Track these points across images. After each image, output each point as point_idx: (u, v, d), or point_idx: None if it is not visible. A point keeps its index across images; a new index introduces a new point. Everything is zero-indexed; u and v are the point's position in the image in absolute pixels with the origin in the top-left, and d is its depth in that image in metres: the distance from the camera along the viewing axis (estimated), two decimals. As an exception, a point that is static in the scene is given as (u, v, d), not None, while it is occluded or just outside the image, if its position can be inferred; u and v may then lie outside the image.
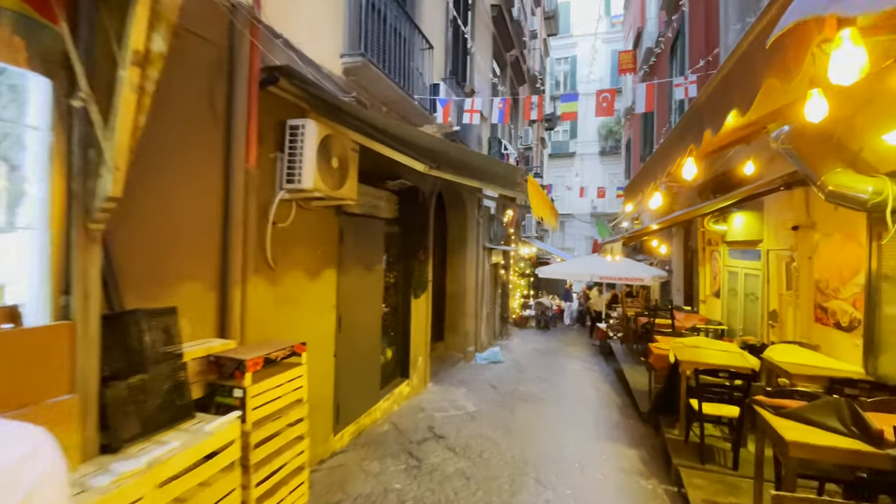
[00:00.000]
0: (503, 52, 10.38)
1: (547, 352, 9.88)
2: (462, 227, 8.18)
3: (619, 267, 10.06)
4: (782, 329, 4.88)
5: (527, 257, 15.49)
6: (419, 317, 5.75)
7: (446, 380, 6.64)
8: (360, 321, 4.31)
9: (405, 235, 5.45)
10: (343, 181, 3.22)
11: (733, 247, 6.31)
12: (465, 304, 8.21)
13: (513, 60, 11.34)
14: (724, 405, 3.45)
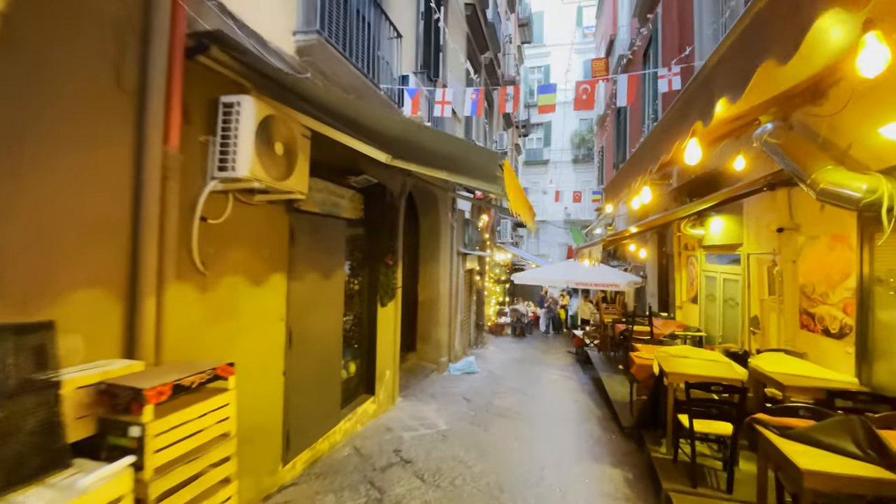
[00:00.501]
0: (478, 54, 10.15)
1: (523, 360, 9.56)
2: (435, 231, 7.79)
3: (595, 273, 9.89)
4: (765, 336, 4.71)
5: (502, 263, 15.24)
6: (387, 327, 5.29)
7: (417, 394, 6.18)
8: (316, 334, 3.82)
9: (371, 238, 5.01)
10: (290, 171, 2.77)
11: (711, 251, 6.17)
12: (438, 312, 7.80)
13: (487, 63, 11.13)
14: (717, 422, 3.16)
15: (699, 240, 6.46)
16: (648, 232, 9.30)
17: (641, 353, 4.77)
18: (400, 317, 5.70)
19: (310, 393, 3.76)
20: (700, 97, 2.49)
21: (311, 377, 3.77)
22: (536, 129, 27.77)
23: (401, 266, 5.70)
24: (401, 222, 5.60)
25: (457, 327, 8.71)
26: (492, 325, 13.35)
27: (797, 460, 2.01)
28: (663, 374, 3.70)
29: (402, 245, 5.84)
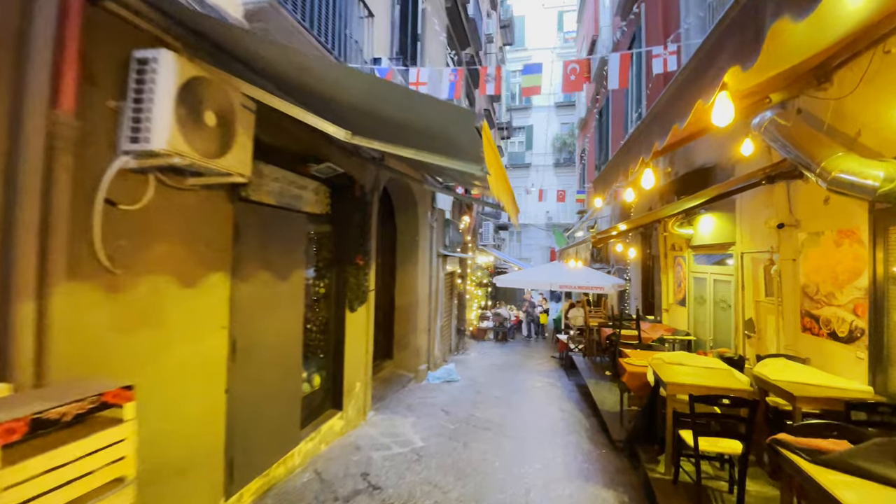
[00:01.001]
0: (458, 49, 9.80)
1: (506, 367, 9.18)
2: (413, 231, 7.35)
3: (579, 275, 9.61)
4: (761, 340, 4.43)
5: (484, 266, 14.88)
6: (357, 334, 4.81)
7: (392, 406, 5.70)
8: (269, 344, 3.31)
9: (339, 236, 4.53)
10: (226, 148, 2.29)
11: (700, 251, 5.92)
12: (417, 317, 7.34)
13: (468, 60, 10.80)
14: (723, 439, 2.81)
15: (687, 240, 6.21)
16: (632, 233, 9.10)
17: (632, 359, 4.42)
18: (373, 323, 5.22)
19: (261, 412, 3.25)
20: (706, 69, 2.16)
21: (264, 394, 3.26)
22: (518, 133, 27.80)
23: (374, 267, 5.23)
24: (374, 219, 5.14)
25: (436, 333, 8.26)
26: (474, 329, 12.95)
27: (840, 495, 1.64)
28: (660, 383, 3.34)
29: (376, 245, 5.38)
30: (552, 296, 23.29)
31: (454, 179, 4.77)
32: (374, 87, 2.19)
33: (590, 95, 16.70)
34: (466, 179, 4.46)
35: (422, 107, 2.13)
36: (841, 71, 3.27)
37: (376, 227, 5.38)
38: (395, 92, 2.16)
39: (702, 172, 5.63)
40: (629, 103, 10.09)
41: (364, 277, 4.67)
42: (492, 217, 14.97)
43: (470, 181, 4.43)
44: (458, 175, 4.46)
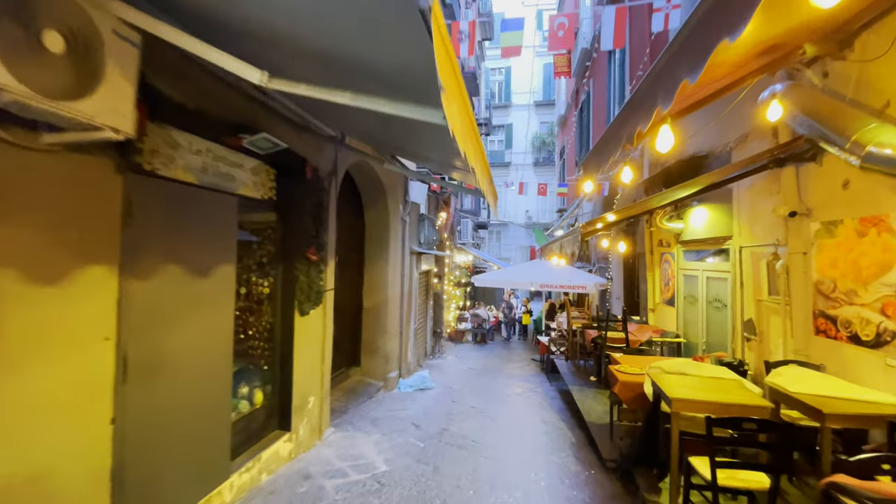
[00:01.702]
0: (434, 33, 9.23)
1: (484, 371, 8.63)
2: (383, 226, 6.71)
3: (560, 274, 9.16)
4: (763, 343, 4.01)
5: (463, 265, 14.34)
6: (310, 341, 4.15)
7: (355, 421, 5.05)
8: (182, 358, 2.63)
9: (287, 226, 3.86)
10: (86, 87, 1.62)
11: (692, 247, 5.51)
12: (387, 319, 6.70)
13: (445, 46, 10.24)
14: (745, 471, 2.31)
15: (677, 235, 5.80)
16: (617, 228, 8.72)
17: (624, 366, 3.92)
18: (331, 327, 4.56)
19: (172, 444, 2.56)
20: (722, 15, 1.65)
21: (175, 421, 2.58)
22: (498, 132, 27.55)
23: (333, 264, 4.58)
24: (332, 208, 4.49)
25: (409, 336, 7.64)
26: (451, 331, 12.38)
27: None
28: (662, 397, 2.83)
29: (337, 238, 4.73)
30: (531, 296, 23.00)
31: (425, 158, 4.17)
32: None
33: (569, 91, 16.41)
34: (443, 158, 3.87)
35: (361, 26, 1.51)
36: (864, 34, 2.85)
37: (336, 219, 4.74)
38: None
39: (694, 161, 5.22)
40: (611, 97, 9.73)
41: (318, 275, 4.02)
42: (470, 214, 14.45)
43: (446, 161, 3.85)
44: (431, 151, 3.86)
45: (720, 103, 4.14)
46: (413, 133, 3.28)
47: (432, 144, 3.40)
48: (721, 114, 4.38)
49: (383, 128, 3.47)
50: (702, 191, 4.53)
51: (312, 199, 3.95)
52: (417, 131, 3.16)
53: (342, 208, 5.89)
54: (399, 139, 3.79)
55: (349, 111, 3.40)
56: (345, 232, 6.06)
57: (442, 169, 4.51)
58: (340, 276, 6.01)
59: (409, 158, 5.04)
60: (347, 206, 6.18)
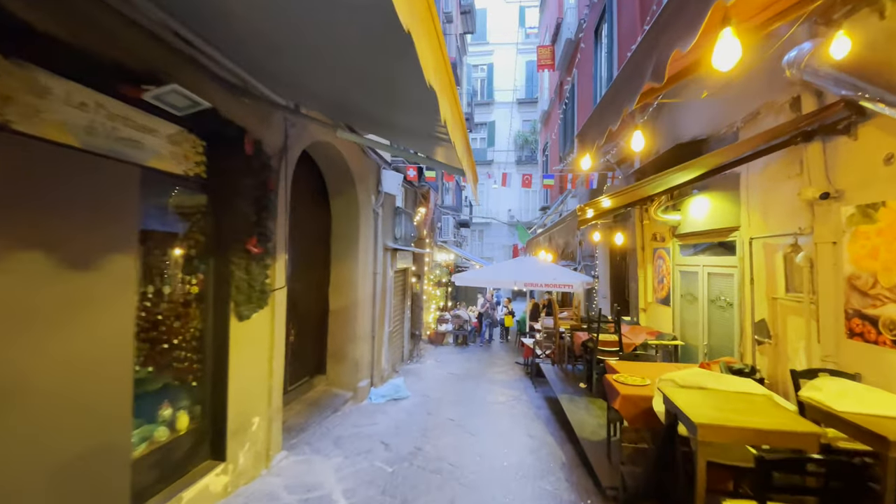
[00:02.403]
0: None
1: (466, 376, 8.02)
2: (352, 218, 6.02)
3: (545, 272, 8.65)
4: (779, 347, 3.52)
5: (444, 264, 13.73)
6: (254, 350, 3.46)
7: (315, 440, 4.37)
8: (44, 381, 1.92)
9: (221, 211, 3.16)
10: None
11: (691, 240, 5.02)
12: (357, 322, 6.01)
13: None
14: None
15: (673, 227, 5.32)
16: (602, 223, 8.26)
17: (623, 375, 3.37)
18: (283, 333, 3.88)
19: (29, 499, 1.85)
20: None
21: (33, 469, 1.87)
22: (480, 129, 27.19)
23: (285, 259, 3.90)
24: (283, 193, 3.81)
25: (383, 341, 6.97)
26: (431, 333, 11.74)
27: None
28: (681, 420, 2.27)
29: (292, 229, 4.07)
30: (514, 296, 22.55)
31: (403, 131, 3.51)
32: None
33: (553, 86, 16.01)
34: (421, 124, 3.22)
35: None
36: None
37: (293, 207, 4.07)
38: None
39: (692, 146, 4.73)
40: (598, 87, 9.27)
41: (261, 272, 3.33)
42: (452, 210, 13.86)
43: (424, 131, 3.20)
44: (406, 116, 3.21)
45: (723, 78, 3.64)
46: (386, 95, 2.65)
47: (408, 106, 2.77)
48: (718, 99, 3.88)
49: (348, 91, 2.82)
50: (705, 175, 4.02)
51: (254, 180, 3.26)
52: (390, 91, 2.53)
53: (301, 196, 5.19)
54: (368, 105, 3.12)
55: (304, 73, 2.75)
56: (306, 224, 5.37)
57: (420, 145, 3.88)
58: (303, 275, 5.32)
59: (382, 134, 4.38)
60: (308, 194, 5.49)
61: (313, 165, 5.50)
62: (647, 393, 3.04)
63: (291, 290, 5.10)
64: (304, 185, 5.29)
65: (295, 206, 5.02)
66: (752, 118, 3.75)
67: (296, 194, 5.03)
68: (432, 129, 2.85)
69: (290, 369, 5.19)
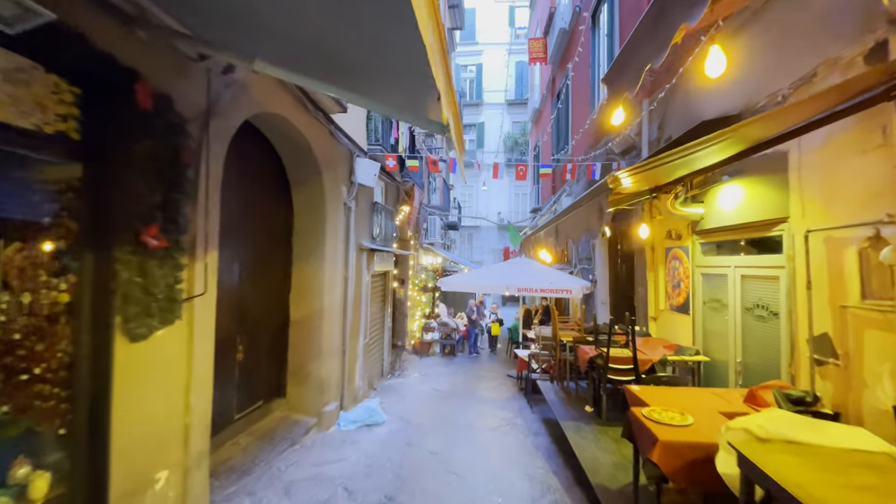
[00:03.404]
0: None
1: (452, 393, 7.14)
2: (318, 212, 5.13)
3: (541, 276, 7.85)
4: (850, 370, 2.73)
5: (430, 268, 12.86)
6: (160, 381, 2.54)
7: (261, 489, 3.44)
8: None
9: (104, 188, 2.25)
10: None
11: (717, 237, 4.26)
12: (323, 335, 5.10)
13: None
14: None
15: (693, 223, 4.56)
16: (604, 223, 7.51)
17: (656, 410, 2.55)
18: (210, 353, 2.96)
19: None
20: None
21: None
22: (469, 131, 26.68)
23: (214, 257, 3.00)
24: (210, 172, 2.91)
25: (357, 354, 6.06)
26: (416, 343, 10.83)
27: None
28: (780, 501, 1.44)
29: (222, 217, 3.17)
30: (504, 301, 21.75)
31: (384, 84, 2.58)
32: None
33: (545, 81, 15.35)
34: (404, 82, 2.33)
35: None
36: None
37: (233, 193, 3.18)
38: None
39: (720, 125, 3.97)
40: (596, 75, 8.57)
41: (168, 273, 2.42)
42: (439, 210, 13.02)
43: (409, 88, 2.31)
44: (387, 66, 2.34)
45: (760, 33, 2.89)
46: (360, 37, 1.80)
47: (387, 57, 1.93)
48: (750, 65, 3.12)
49: (307, 29, 1.95)
50: (741, 154, 3.23)
51: (156, 146, 2.37)
52: (365, 32, 1.68)
53: (254, 182, 4.29)
54: (340, 54, 2.25)
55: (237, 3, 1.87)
56: (260, 216, 4.47)
57: (402, 109, 3.01)
58: (257, 279, 4.41)
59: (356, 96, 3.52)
60: (264, 181, 4.59)
61: (267, 146, 4.61)
62: (695, 438, 2.22)
63: (240, 297, 4.19)
64: (256, 169, 4.40)
65: (245, 194, 4.12)
66: (808, 80, 2.99)
67: (245, 179, 4.14)
68: (425, 83, 2.01)
69: (238, 394, 4.27)
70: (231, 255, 4.03)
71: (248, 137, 4.19)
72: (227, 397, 4.09)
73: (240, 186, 4.04)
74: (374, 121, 6.32)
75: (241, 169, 4.06)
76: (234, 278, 4.12)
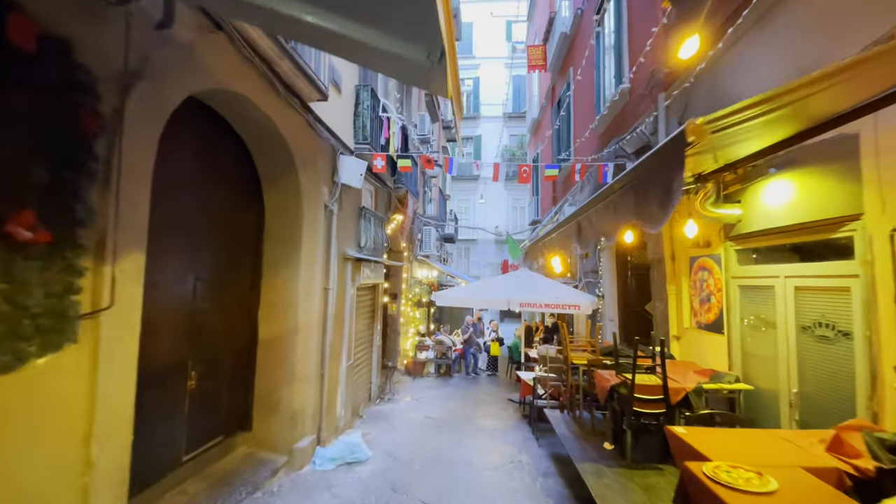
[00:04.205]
0: None
1: (447, 422, 6.37)
2: (293, 215, 4.48)
3: (545, 290, 7.19)
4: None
5: (425, 282, 12.17)
6: (33, 432, 1.84)
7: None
8: None
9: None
10: None
11: (759, 241, 3.63)
12: (296, 356, 4.39)
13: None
14: None
15: (725, 227, 3.94)
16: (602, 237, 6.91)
17: (720, 468, 1.86)
18: (129, 387, 2.26)
19: None
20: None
21: None
22: (466, 144, 26.43)
23: (140, 261, 2.33)
24: (133, 149, 2.25)
25: (339, 379, 5.33)
26: (409, 363, 10.07)
27: None
28: None
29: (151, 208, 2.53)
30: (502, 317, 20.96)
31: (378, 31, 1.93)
32: None
33: (544, 91, 14.98)
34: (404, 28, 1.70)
35: None
36: None
37: (181, 182, 2.54)
38: None
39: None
40: (601, 79, 8.07)
41: (56, 278, 1.75)
42: (434, 221, 12.41)
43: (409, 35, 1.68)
44: None
45: None
46: None
47: None
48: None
49: None
50: (799, 137, 2.62)
51: (43, 102, 1.72)
52: None
53: (211, 178, 3.65)
54: None
55: None
56: (221, 219, 3.81)
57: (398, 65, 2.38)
58: (216, 290, 3.73)
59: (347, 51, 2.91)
60: (226, 178, 3.95)
61: (237, 137, 3.99)
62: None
63: (194, 312, 3.50)
64: (218, 161, 3.76)
65: (203, 188, 3.47)
66: (888, 40, 2.41)
67: (204, 171, 3.50)
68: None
69: (188, 430, 3.54)
70: (182, 261, 3.36)
71: (208, 122, 3.57)
72: (172, 435, 3.36)
73: (196, 179, 3.40)
74: (361, 118, 5.74)
75: (198, 159, 3.43)
76: (185, 290, 3.43)
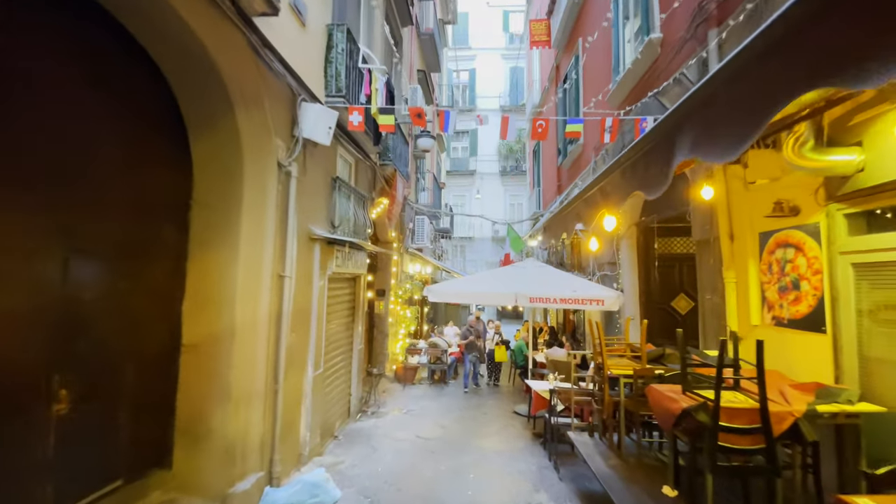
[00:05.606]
0: None
1: (441, 446, 5.15)
2: (230, 174, 3.28)
3: (558, 283, 6.06)
4: None
5: (418, 277, 10.99)
6: None
7: None
8: None
9: None
10: None
11: (892, 198, 2.50)
12: (233, 366, 3.19)
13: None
14: None
15: (828, 181, 2.81)
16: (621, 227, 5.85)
17: None
18: None
19: None
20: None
21: None
22: (462, 137, 25.51)
23: None
24: None
25: (302, 394, 4.13)
26: (398, 369, 8.87)
27: None
28: None
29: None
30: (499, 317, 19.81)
31: None
32: None
33: (546, 72, 13.88)
34: None
35: None
36: None
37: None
38: None
39: None
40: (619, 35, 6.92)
41: None
42: (427, 209, 11.24)
43: None
44: None
45: None
46: None
47: None
48: None
49: None
50: None
51: None
52: None
53: (106, 112, 2.44)
54: None
55: None
56: (122, 174, 2.61)
57: None
58: (112, 277, 2.53)
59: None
60: (131, 116, 2.74)
61: (152, 62, 2.79)
62: None
63: (66, 303, 2.31)
64: (118, 90, 2.56)
65: (89, 126, 2.28)
66: None
67: (92, 101, 2.31)
68: None
69: (57, 476, 2.34)
70: (42, 223, 2.17)
71: (107, 34, 2.38)
72: (23, 490, 2.16)
73: (77, 111, 2.21)
74: (335, 64, 4.56)
75: (81, 84, 2.24)
76: (45, 268, 2.24)
